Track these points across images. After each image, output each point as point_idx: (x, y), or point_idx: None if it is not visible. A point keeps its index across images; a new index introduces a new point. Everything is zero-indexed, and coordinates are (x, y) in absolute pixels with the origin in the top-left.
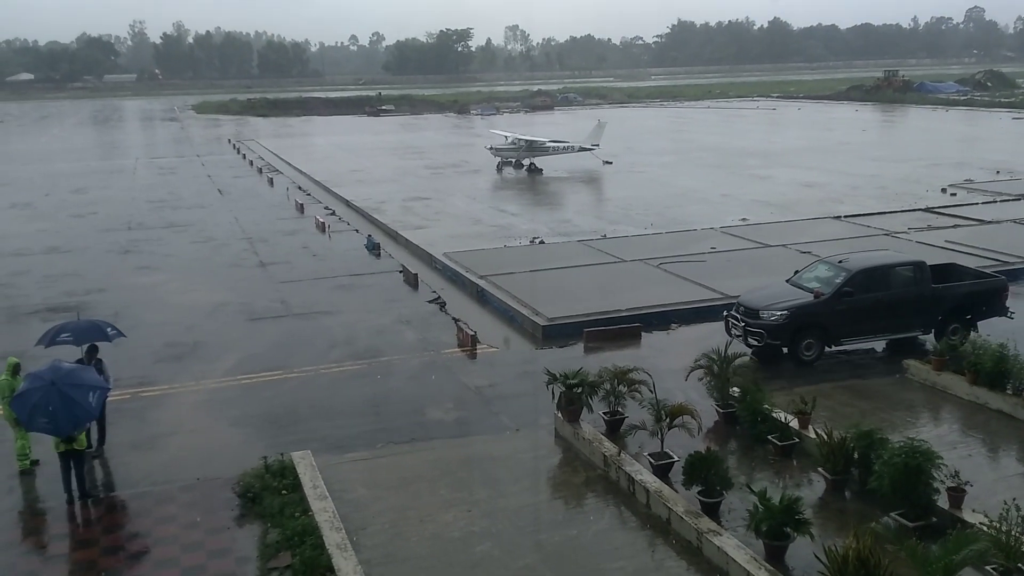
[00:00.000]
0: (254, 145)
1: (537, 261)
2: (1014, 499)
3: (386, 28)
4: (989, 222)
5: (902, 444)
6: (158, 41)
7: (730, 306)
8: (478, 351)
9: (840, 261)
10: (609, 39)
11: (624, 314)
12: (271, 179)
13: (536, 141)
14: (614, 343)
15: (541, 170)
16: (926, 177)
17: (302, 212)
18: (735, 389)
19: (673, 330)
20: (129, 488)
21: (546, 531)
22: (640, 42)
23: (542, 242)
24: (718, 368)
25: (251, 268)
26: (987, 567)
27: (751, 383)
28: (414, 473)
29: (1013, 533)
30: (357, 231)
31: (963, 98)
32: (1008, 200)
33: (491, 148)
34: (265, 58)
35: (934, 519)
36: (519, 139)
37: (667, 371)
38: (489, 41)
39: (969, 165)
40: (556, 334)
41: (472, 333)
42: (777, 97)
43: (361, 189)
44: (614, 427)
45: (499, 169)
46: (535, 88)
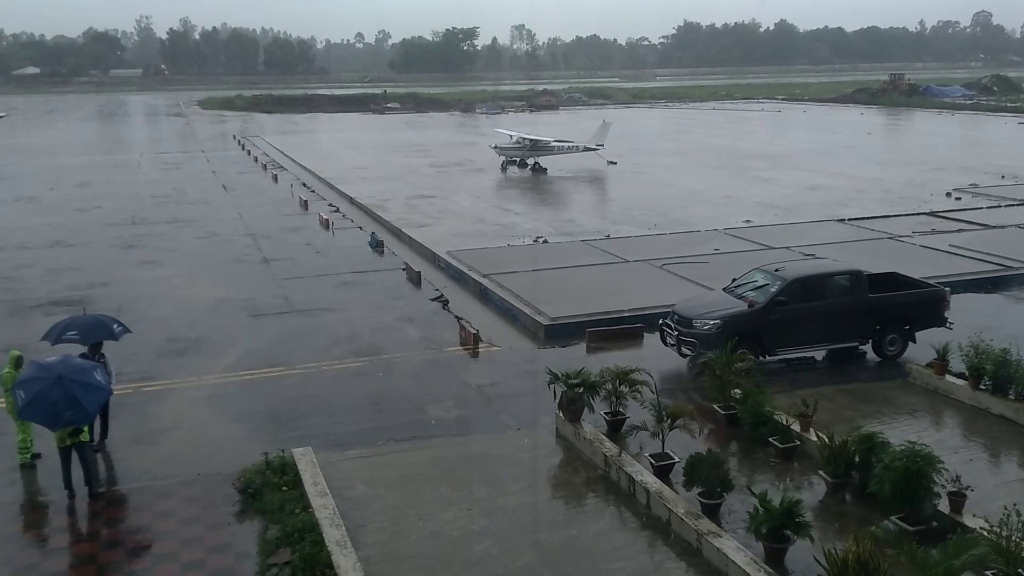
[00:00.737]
0: (259, 141)
1: (540, 260)
2: (1015, 504)
3: (392, 26)
4: (994, 226)
5: (903, 448)
6: (164, 36)
7: (667, 314)
8: (480, 350)
9: (776, 270)
10: (615, 39)
11: (627, 314)
12: (275, 175)
13: (541, 140)
14: (616, 343)
15: (545, 169)
16: (931, 181)
17: (306, 209)
18: (736, 391)
19: None
20: (130, 483)
21: (546, 531)
22: (646, 43)
23: (545, 241)
24: (720, 370)
25: (254, 264)
26: (987, 572)
27: (753, 385)
28: (414, 471)
29: (1013, 538)
30: (361, 228)
31: (969, 102)
32: (1013, 205)
33: (496, 147)
34: (271, 55)
35: (934, 523)
36: (524, 138)
37: (669, 372)
38: (495, 40)
39: (974, 169)
40: (558, 334)
41: (474, 332)
42: (782, 99)
43: (365, 186)
44: (615, 427)
45: (503, 168)
46: (540, 88)
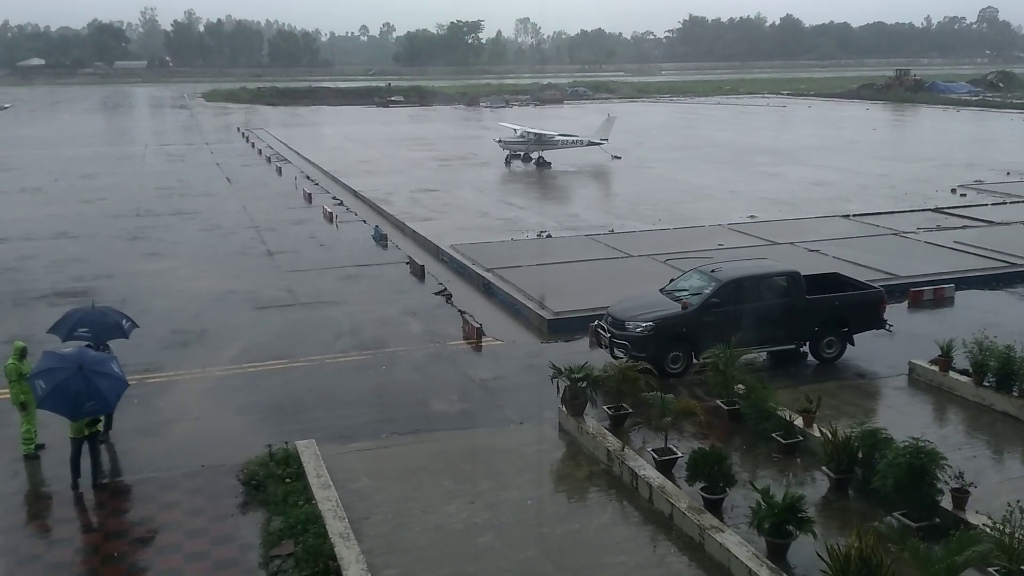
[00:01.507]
0: (263, 134)
1: (544, 255)
2: (1018, 501)
3: (397, 19)
4: (999, 223)
5: (907, 444)
6: (169, 28)
7: (602, 315)
8: (483, 344)
9: (713, 271)
10: (620, 33)
11: None
12: (279, 168)
13: (545, 135)
14: None
15: (550, 164)
16: (936, 177)
17: (310, 202)
18: (740, 386)
19: None
20: (134, 474)
21: (548, 524)
22: (651, 37)
23: (549, 236)
24: (723, 365)
25: (258, 257)
26: (990, 569)
27: (756, 381)
28: (417, 464)
29: (1016, 535)
30: (364, 222)
31: (975, 99)
32: (1018, 201)
33: (500, 141)
34: (276, 47)
35: (937, 520)
36: (528, 132)
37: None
38: (500, 33)
39: (979, 166)
40: (562, 328)
41: (478, 326)
42: (788, 95)
43: (369, 180)
44: (618, 422)
45: (507, 162)
46: (545, 81)
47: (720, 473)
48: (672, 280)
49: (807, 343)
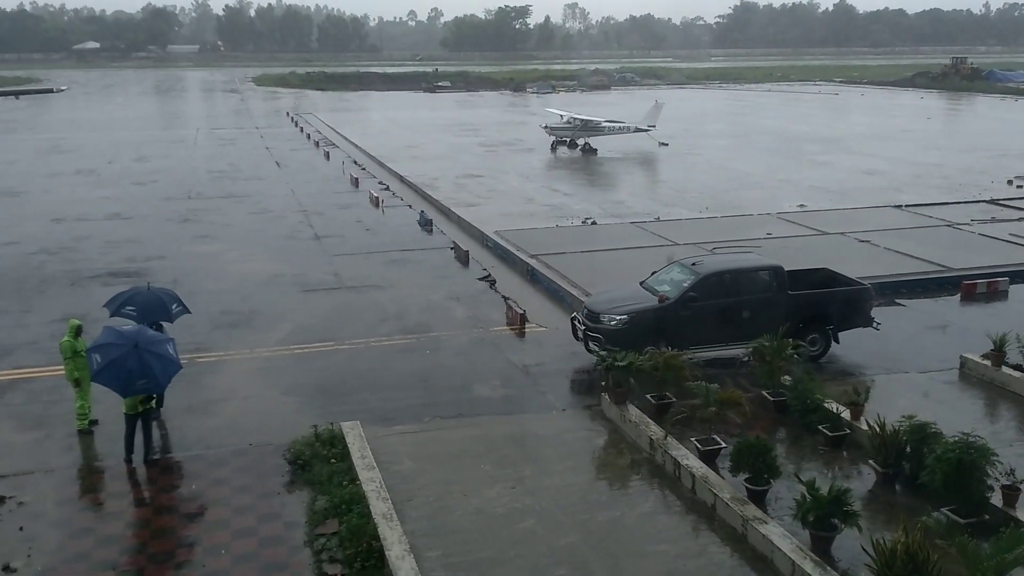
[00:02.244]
0: (312, 118)
1: (589, 242)
2: None
3: (445, 4)
4: None
5: (956, 439)
6: (221, 13)
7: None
8: (527, 330)
9: (693, 263)
10: (669, 19)
11: None
12: (327, 153)
13: (591, 121)
14: None
15: (596, 150)
16: (992, 168)
17: (357, 186)
18: (786, 377)
19: None
20: (184, 451)
21: (590, 511)
22: (701, 22)
23: (594, 223)
24: (769, 355)
25: (306, 240)
26: None
27: (803, 372)
28: (460, 448)
29: None
30: (410, 207)
31: None
32: None
33: (546, 127)
34: (325, 32)
35: (987, 517)
36: (574, 118)
37: (718, 356)
38: (548, 19)
39: None
40: None
41: (521, 312)
42: (840, 82)
43: (415, 165)
44: (661, 410)
45: (553, 148)
46: (592, 67)
47: (765, 464)
48: (654, 272)
49: (790, 339)
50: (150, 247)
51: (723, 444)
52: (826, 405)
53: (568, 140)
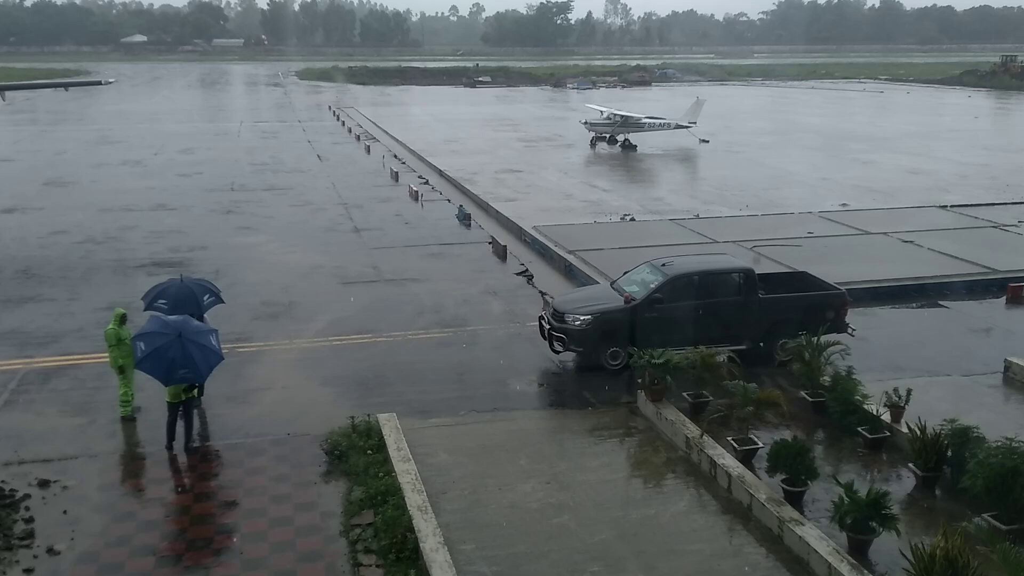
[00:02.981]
0: (353, 112)
1: (627, 238)
2: None
3: None
4: None
5: (999, 444)
6: (265, 7)
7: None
8: None
9: (663, 264)
10: (712, 15)
11: None
12: (368, 147)
13: (632, 117)
14: None
15: (635, 146)
16: None
17: (396, 180)
18: (826, 378)
19: None
20: (223, 439)
21: (624, 508)
22: (744, 19)
23: (633, 219)
24: (809, 355)
25: (346, 233)
26: None
27: (843, 372)
28: (495, 442)
29: None
30: (449, 201)
31: None
32: None
33: (585, 123)
34: (367, 26)
35: None
36: (614, 114)
37: (754, 355)
38: (589, 14)
39: None
40: None
41: None
42: (885, 80)
43: (455, 159)
44: (698, 409)
45: (593, 144)
46: (633, 63)
47: (802, 465)
48: (625, 273)
49: (760, 344)
50: (193, 238)
51: (760, 444)
52: (866, 407)
53: (608, 136)
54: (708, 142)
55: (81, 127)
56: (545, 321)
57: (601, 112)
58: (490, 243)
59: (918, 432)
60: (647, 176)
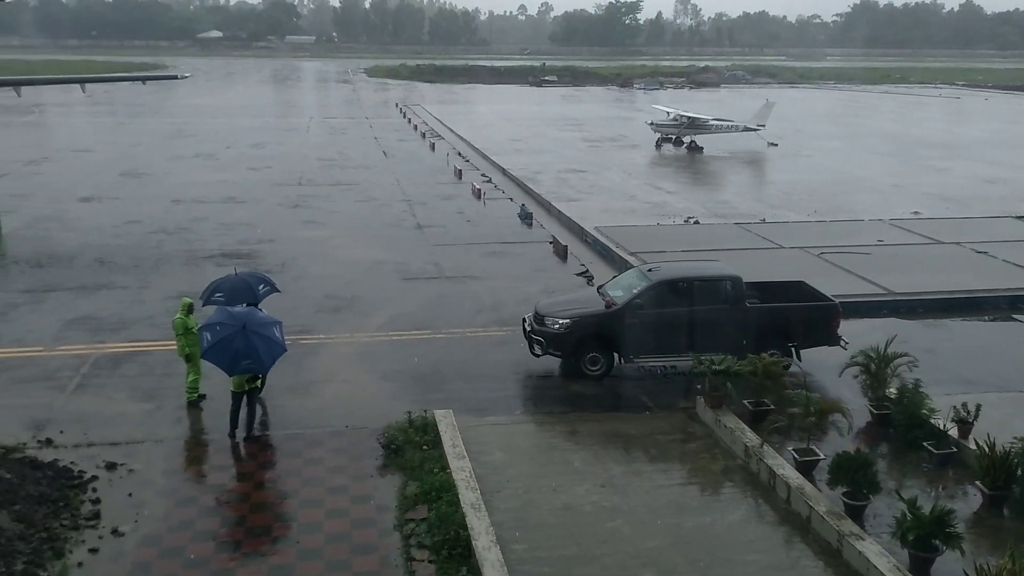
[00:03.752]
0: (419, 110)
1: (690, 241)
2: None
3: None
4: None
5: None
6: (337, 5)
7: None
8: None
9: (649, 270)
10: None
11: None
12: (433, 144)
13: (699, 118)
14: None
15: (702, 148)
16: None
17: (460, 178)
18: (892, 390)
19: None
20: (283, 429)
21: (679, 515)
22: (817, 21)
23: (697, 222)
24: (875, 366)
25: (408, 229)
26: None
27: (910, 385)
28: (549, 443)
29: None
30: (511, 200)
31: None
32: None
33: (651, 124)
34: (436, 25)
35: None
36: (681, 115)
37: (820, 365)
38: (659, 14)
39: None
40: None
41: None
42: (963, 85)
43: (518, 158)
44: (758, 417)
45: (658, 145)
46: (702, 64)
47: (864, 479)
48: (614, 277)
49: (745, 355)
50: (261, 230)
51: (821, 456)
52: (932, 421)
53: (674, 137)
54: (777, 145)
55: (157, 120)
56: (527, 324)
57: (667, 113)
58: (551, 243)
59: (987, 449)
60: (713, 178)
